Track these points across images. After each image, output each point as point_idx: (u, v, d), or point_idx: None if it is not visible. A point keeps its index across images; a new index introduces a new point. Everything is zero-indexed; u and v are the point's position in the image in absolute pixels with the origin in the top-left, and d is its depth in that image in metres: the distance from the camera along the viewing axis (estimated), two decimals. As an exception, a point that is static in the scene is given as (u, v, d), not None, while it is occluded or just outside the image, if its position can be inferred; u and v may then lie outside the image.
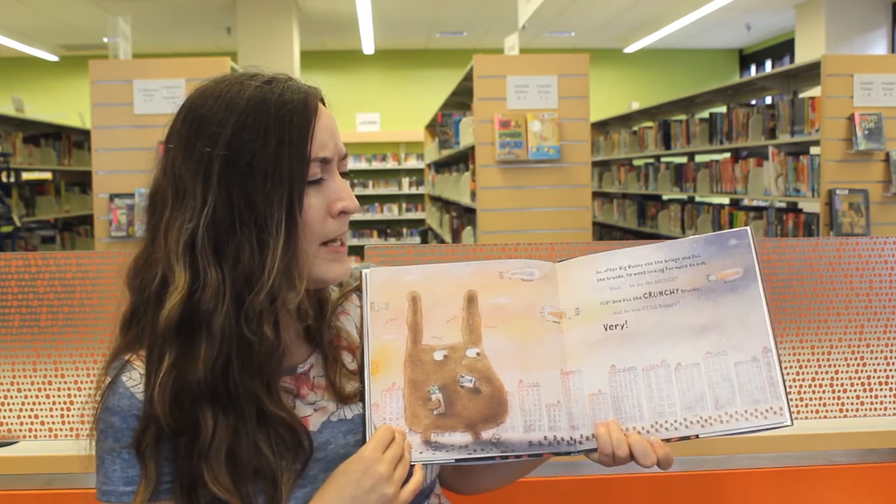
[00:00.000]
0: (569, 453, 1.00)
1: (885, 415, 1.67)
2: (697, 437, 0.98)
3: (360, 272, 1.08)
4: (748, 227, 1.05)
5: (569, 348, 1.02)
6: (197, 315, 0.92)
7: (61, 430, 1.62)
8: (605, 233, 9.15)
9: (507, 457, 0.98)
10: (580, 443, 1.00)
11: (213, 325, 0.92)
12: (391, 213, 12.26)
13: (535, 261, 1.07)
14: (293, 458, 0.97)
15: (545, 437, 0.98)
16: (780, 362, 0.98)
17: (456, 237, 6.34)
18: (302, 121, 0.95)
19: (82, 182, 8.53)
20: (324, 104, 1.02)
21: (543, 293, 1.05)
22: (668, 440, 0.99)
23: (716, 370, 0.99)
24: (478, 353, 1.01)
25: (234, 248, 0.93)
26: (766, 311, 1.00)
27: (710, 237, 1.05)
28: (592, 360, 1.01)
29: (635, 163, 8.83)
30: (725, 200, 6.73)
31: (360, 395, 1.03)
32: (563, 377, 1.01)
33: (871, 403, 1.66)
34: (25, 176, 8.15)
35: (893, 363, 1.66)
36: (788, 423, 0.96)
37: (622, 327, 1.02)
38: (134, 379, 0.96)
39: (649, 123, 8.45)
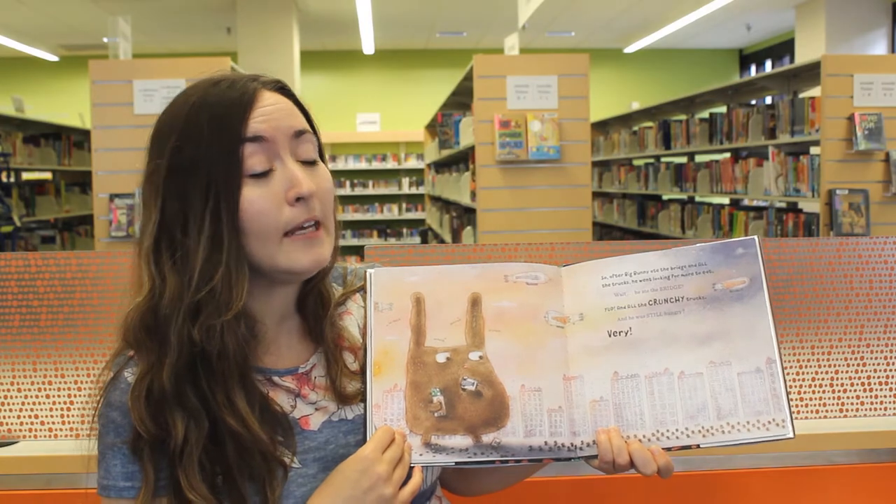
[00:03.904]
0: (569, 459, 0.99)
1: (885, 415, 1.67)
2: (699, 446, 0.98)
3: (365, 272, 1.07)
4: (755, 237, 1.04)
5: (572, 354, 1.02)
6: (159, 322, 0.94)
7: (61, 430, 1.62)
8: (605, 233, 9.15)
9: (507, 461, 0.98)
10: (581, 449, 0.99)
11: (170, 332, 0.93)
12: (391, 213, 12.26)
13: (540, 265, 1.06)
14: (269, 473, 0.96)
15: (545, 443, 0.98)
16: (783, 374, 0.98)
17: (456, 237, 6.34)
18: (235, 117, 0.94)
19: (82, 182, 8.53)
20: (286, 92, 1.01)
21: (548, 297, 1.04)
22: (668, 449, 0.98)
23: (719, 380, 0.98)
24: (480, 357, 1.01)
25: (185, 254, 0.94)
26: (771, 321, 0.99)
27: (716, 245, 1.04)
28: (595, 366, 1.01)
29: (635, 163, 8.83)
30: (725, 200, 6.73)
31: (361, 396, 1.03)
32: (565, 382, 1.00)
33: (871, 403, 1.66)
34: (25, 176, 8.15)
35: (893, 363, 1.66)
36: (790, 435, 0.96)
37: (626, 334, 1.02)
38: (135, 373, 0.97)
39: (649, 123, 8.45)
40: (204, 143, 0.93)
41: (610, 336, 1.02)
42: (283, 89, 1.02)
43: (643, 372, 1.00)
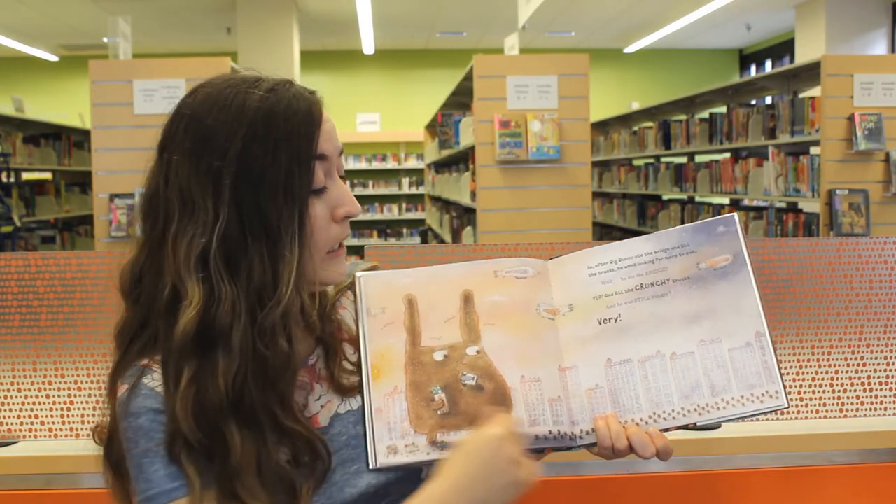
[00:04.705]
0: (570, 448, 1.00)
1: (885, 415, 1.67)
2: (696, 425, 0.99)
3: (354, 277, 1.07)
4: (734, 214, 1.05)
5: (564, 344, 1.02)
6: (213, 330, 0.91)
7: (61, 430, 1.62)
8: (605, 233, 9.15)
9: None
10: (580, 437, 1.00)
11: (231, 341, 0.91)
12: (391, 213, 12.26)
13: (527, 259, 1.07)
14: (311, 468, 0.96)
15: (549, 432, 0.98)
16: (773, 345, 0.99)
17: (456, 237, 6.34)
18: (308, 132, 0.95)
19: (82, 182, 8.53)
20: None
21: (537, 290, 1.05)
22: (666, 430, 0.99)
23: (710, 357, 0.99)
24: (478, 351, 1.01)
25: (247, 264, 0.92)
26: (757, 295, 1.00)
27: (697, 225, 1.05)
28: (588, 355, 1.02)
29: (635, 163, 8.83)
30: (725, 200, 6.73)
31: (358, 390, 1.03)
32: (560, 373, 1.01)
33: (871, 403, 1.66)
34: (25, 176, 8.15)
35: (893, 363, 1.66)
36: (785, 405, 0.97)
37: (616, 321, 1.03)
38: (156, 380, 0.94)
39: (649, 123, 8.45)
40: (282, 154, 0.93)
41: (600, 324, 1.03)
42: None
43: (635, 356, 1.01)
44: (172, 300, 0.93)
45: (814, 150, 5.02)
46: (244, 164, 0.92)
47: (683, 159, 7.43)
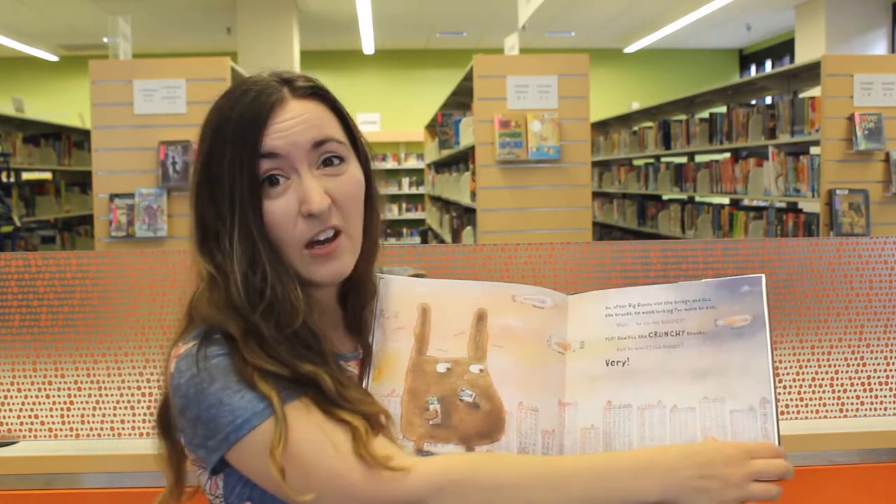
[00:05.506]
0: None
1: (885, 415, 1.67)
2: None
3: (377, 278, 1.08)
4: (762, 276, 1.03)
5: (569, 380, 1.02)
6: (232, 300, 0.96)
7: (61, 430, 1.62)
8: (605, 233, 9.15)
9: None
10: None
11: (242, 310, 0.95)
12: (391, 213, 12.26)
13: (548, 290, 1.07)
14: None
15: None
16: (777, 414, 0.97)
17: (456, 237, 6.34)
18: (251, 132, 0.97)
19: (82, 182, 8.53)
20: (320, 96, 1.03)
21: (552, 322, 1.05)
22: None
23: (711, 416, 0.97)
24: (481, 370, 1.01)
25: (228, 254, 0.97)
26: (770, 361, 0.98)
27: (722, 282, 1.04)
28: (590, 394, 1.01)
29: (635, 163, 8.83)
30: (725, 200, 6.73)
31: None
32: (559, 408, 1.01)
33: (871, 403, 1.66)
34: (25, 176, 8.15)
35: (893, 363, 1.66)
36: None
37: (624, 364, 1.02)
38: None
39: (649, 123, 8.45)
40: (227, 158, 0.97)
41: (607, 365, 1.02)
42: (318, 94, 1.04)
43: (636, 403, 0.99)
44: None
45: (814, 150, 5.02)
46: (205, 165, 1.00)
47: (683, 159, 7.43)
